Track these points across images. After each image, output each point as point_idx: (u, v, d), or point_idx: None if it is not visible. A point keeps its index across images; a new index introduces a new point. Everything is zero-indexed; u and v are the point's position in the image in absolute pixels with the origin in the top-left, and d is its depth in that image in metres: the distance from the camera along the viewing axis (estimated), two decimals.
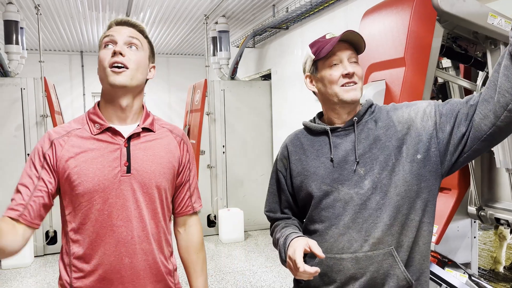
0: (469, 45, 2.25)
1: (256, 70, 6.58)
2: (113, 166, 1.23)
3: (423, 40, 1.94)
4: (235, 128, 5.78)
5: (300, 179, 1.34)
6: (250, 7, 5.54)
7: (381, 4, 2.22)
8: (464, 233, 2.81)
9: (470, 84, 2.26)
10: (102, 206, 1.21)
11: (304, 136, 1.40)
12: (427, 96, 2.00)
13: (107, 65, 1.22)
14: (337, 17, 4.18)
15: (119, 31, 1.26)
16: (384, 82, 2.04)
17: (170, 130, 1.38)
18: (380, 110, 1.33)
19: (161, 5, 5.33)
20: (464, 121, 1.19)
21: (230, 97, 5.75)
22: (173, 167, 1.33)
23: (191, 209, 1.42)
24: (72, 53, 8.27)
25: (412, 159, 1.23)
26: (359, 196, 1.23)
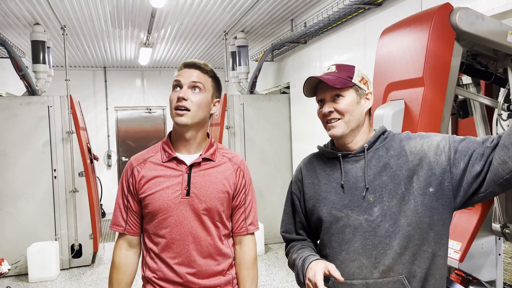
0: (489, 62, 2.23)
1: (275, 83, 6.63)
2: (175, 189, 1.48)
3: (442, 59, 1.94)
4: (254, 141, 5.82)
5: (312, 202, 1.38)
6: (268, 22, 5.61)
7: (399, 23, 2.23)
8: (488, 250, 2.75)
9: (491, 101, 2.24)
10: (165, 222, 1.48)
11: (318, 160, 1.44)
12: (447, 115, 2.00)
13: (173, 106, 1.47)
14: (356, 32, 4.19)
15: (186, 75, 1.48)
16: (403, 102, 2.04)
17: (230, 158, 1.60)
18: (393, 138, 1.35)
19: (181, 22, 5.45)
20: (479, 161, 1.19)
21: (249, 110, 5.81)
22: (227, 192, 1.53)
23: (245, 231, 1.61)
24: (95, 69, 8.51)
25: (424, 191, 1.24)
26: (368, 223, 1.25)
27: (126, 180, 1.55)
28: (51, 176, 4.84)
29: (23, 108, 4.76)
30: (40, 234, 4.83)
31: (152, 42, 6.53)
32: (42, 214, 4.84)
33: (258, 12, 5.10)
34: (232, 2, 4.72)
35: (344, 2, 3.91)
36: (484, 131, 2.45)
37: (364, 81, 1.36)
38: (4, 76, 5.70)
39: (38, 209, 4.83)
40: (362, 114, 1.34)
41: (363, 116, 1.34)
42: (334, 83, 1.29)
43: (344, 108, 1.30)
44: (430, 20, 1.94)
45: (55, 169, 4.85)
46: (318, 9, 4.75)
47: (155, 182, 1.49)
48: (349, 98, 1.31)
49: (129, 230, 1.55)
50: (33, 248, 4.60)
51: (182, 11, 4.99)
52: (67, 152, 4.87)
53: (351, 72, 1.34)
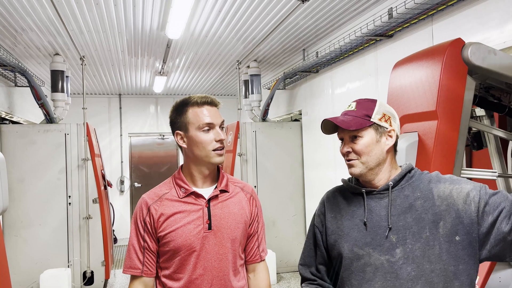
0: (502, 95, 2.25)
1: (287, 110, 6.69)
2: (197, 224, 1.49)
3: (455, 93, 1.96)
4: (266, 169, 5.84)
5: (334, 237, 1.36)
6: (280, 52, 5.72)
7: (412, 57, 2.27)
8: (506, 283, 2.69)
9: (505, 134, 2.25)
10: (188, 258, 1.47)
11: (341, 194, 1.42)
12: (462, 148, 2.00)
13: (210, 148, 1.50)
14: (367, 62, 4.25)
15: (213, 115, 1.52)
16: (417, 134, 2.06)
17: (241, 188, 1.63)
18: (421, 178, 1.32)
19: (195, 52, 5.59)
20: (508, 219, 1.17)
21: (261, 138, 5.86)
22: (245, 221, 1.57)
23: (259, 258, 1.63)
24: (111, 96, 8.70)
25: (450, 239, 1.21)
26: (390, 264, 1.23)
27: (141, 219, 1.52)
28: (65, 202, 4.90)
29: (41, 135, 4.87)
30: (53, 261, 4.85)
31: (167, 71, 6.68)
32: (55, 240, 4.88)
33: (271, 42, 5.21)
34: (245, 34, 4.84)
35: (356, 34, 3.99)
36: (499, 163, 2.44)
37: (386, 118, 1.32)
38: (24, 104, 5.86)
39: (52, 235, 4.87)
40: (382, 153, 1.31)
41: (384, 155, 1.31)
42: (348, 126, 1.29)
43: (361, 150, 1.30)
44: (443, 55, 1.97)
45: (70, 195, 4.91)
46: (330, 40, 4.84)
47: (175, 218, 1.49)
48: (366, 138, 1.30)
49: (147, 272, 1.51)
50: (45, 275, 4.61)
51: (197, 42, 5.13)
52: (82, 178, 4.94)
53: (371, 110, 1.32)
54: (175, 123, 1.56)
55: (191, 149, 1.52)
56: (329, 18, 4.33)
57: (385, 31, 3.67)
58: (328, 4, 3.92)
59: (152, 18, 4.24)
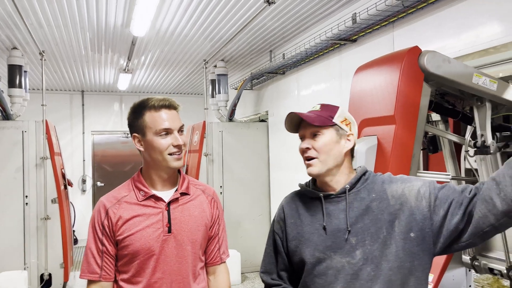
0: (456, 101, 2.35)
1: (254, 111, 6.72)
2: (157, 227, 1.47)
3: (412, 98, 2.04)
4: (233, 169, 5.83)
5: (295, 243, 1.38)
6: (248, 52, 5.73)
7: (372, 62, 2.34)
8: (459, 282, 2.81)
9: (458, 138, 2.35)
10: (147, 262, 1.46)
11: (300, 199, 1.43)
12: (417, 152, 2.08)
13: (167, 153, 1.47)
14: (332, 65, 4.33)
15: (171, 119, 1.49)
16: (376, 138, 2.12)
17: (203, 190, 1.63)
18: (375, 179, 1.36)
19: (162, 50, 5.51)
20: (458, 210, 1.22)
21: (228, 138, 5.85)
22: (205, 224, 1.57)
23: (219, 260, 1.64)
24: (73, 93, 8.42)
25: (405, 236, 1.25)
26: (350, 266, 1.26)
27: (100, 222, 1.49)
28: (22, 203, 4.70)
29: None
30: (9, 263, 4.63)
31: (132, 68, 6.55)
32: (11, 242, 4.67)
33: (238, 43, 5.21)
34: (212, 33, 4.82)
35: (321, 38, 4.06)
36: (453, 166, 2.55)
37: (346, 122, 1.37)
38: None
39: (7, 237, 4.66)
40: (340, 154, 1.34)
41: (342, 157, 1.35)
42: (312, 121, 1.32)
43: (321, 147, 1.32)
44: (401, 62, 2.04)
45: (27, 195, 4.72)
46: (296, 42, 4.89)
47: (134, 222, 1.47)
48: (327, 137, 1.33)
49: (105, 276, 1.48)
50: (0, 277, 4.41)
51: (163, 40, 5.06)
52: (41, 178, 4.75)
53: (334, 112, 1.36)
54: (132, 125, 1.53)
55: (149, 153, 1.50)
56: (295, 21, 4.38)
57: (349, 35, 3.76)
58: (294, 7, 3.96)
59: (116, 14, 4.15)
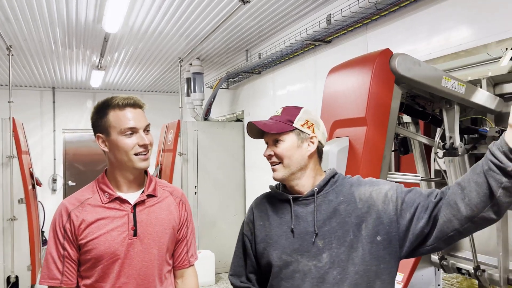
0: (427, 103, 2.38)
1: (230, 110, 6.68)
2: (122, 230, 1.42)
3: (383, 100, 2.05)
4: (207, 169, 5.78)
5: (263, 245, 1.36)
6: (224, 51, 5.69)
7: (345, 64, 2.34)
8: (428, 281, 2.87)
9: (428, 140, 2.38)
10: (112, 267, 1.41)
11: (269, 201, 1.42)
12: (388, 153, 2.10)
13: (133, 153, 1.43)
14: (307, 66, 4.35)
15: (136, 118, 1.44)
16: (348, 139, 2.13)
17: (171, 192, 1.58)
18: (343, 182, 1.35)
19: (135, 47, 5.41)
20: (424, 214, 1.22)
21: (203, 137, 5.79)
22: (173, 227, 1.52)
23: (187, 263, 1.59)
24: (43, 89, 8.18)
25: (372, 239, 1.25)
26: (317, 269, 1.25)
27: (61, 226, 1.42)
28: None
29: None
30: None
31: (105, 65, 6.41)
32: None
33: (214, 41, 5.17)
34: (188, 31, 4.75)
35: (296, 38, 4.06)
36: (423, 167, 2.59)
37: (308, 125, 1.35)
38: None
39: None
40: (303, 158, 1.33)
41: (305, 160, 1.34)
42: (269, 129, 1.32)
43: (282, 153, 1.32)
44: (372, 64, 2.05)
45: None
46: (272, 42, 4.89)
47: (98, 225, 1.41)
48: (288, 143, 1.32)
49: (67, 282, 1.42)
50: None
51: (136, 37, 4.96)
52: (7, 177, 4.58)
53: (294, 115, 1.35)
54: (96, 125, 1.48)
55: (113, 153, 1.45)
56: (271, 21, 4.37)
57: (323, 36, 3.77)
58: (269, 7, 3.95)
59: (87, 10, 4.03)
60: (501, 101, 2.26)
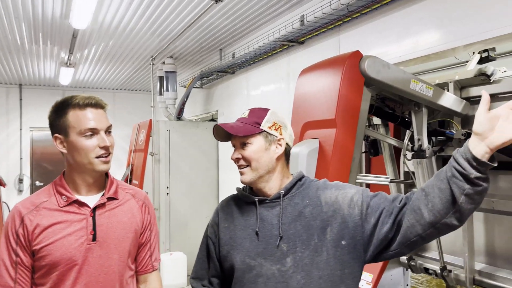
0: (396, 105, 2.40)
1: (204, 110, 6.61)
2: (80, 235, 1.36)
3: (352, 102, 2.05)
4: (180, 169, 5.69)
5: (227, 248, 1.34)
6: (198, 50, 5.62)
7: (316, 66, 2.34)
8: (397, 281, 2.90)
9: (397, 142, 2.40)
10: (68, 273, 1.34)
11: (235, 203, 1.40)
12: (357, 155, 2.10)
13: (93, 155, 1.37)
14: (281, 67, 4.34)
15: (97, 119, 1.39)
16: (318, 141, 2.12)
17: (133, 194, 1.53)
18: (310, 185, 1.34)
19: (106, 43, 5.27)
20: (388, 219, 1.21)
21: (175, 137, 5.70)
22: (135, 230, 1.48)
23: (151, 268, 1.55)
24: (9, 86, 7.88)
25: (336, 244, 1.23)
26: (281, 273, 1.23)
27: (14, 231, 1.35)
28: None
29: None
30: None
31: (75, 62, 6.22)
32: None
33: (187, 39, 5.09)
34: (160, 28, 4.67)
35: (269, 38, 4.04)
36: (392, 169, 2.61)
37: (276, 127, 1.33)
38: None
39: None
40: (271, 161, 1.32)
41: (273, 163, 1.32)
42: (237, 132, 1.29)
43: (249, 156, 1.30)
44: (342, 66, 2.05)
45: None
46: (246, 42, 4.85)
47: (54, 230, 1.35)
48: (255, 145, 1.30)
49: None
50: None
51: (107, 33, 4.83)
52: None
53: (261, 117, 1.33)
54: (54, 125, 1.42)
55: (72, 155, 1.39)
56: (244, 20, 4.33)
57: (296, 37, 3.77)
58: (242, 7, 3.92)
59: (54, 5, 3.90)
60: (467, 104, 2.30)
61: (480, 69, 2.22)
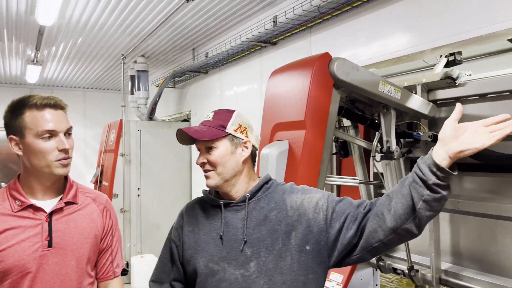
0: (365, 107, 2.42)
1: (177, 110, 6.52)
2: (34, 241, 1.30)
3: (321, 104, 2.05)
4: (152, 170, 5.60)
5: (190, 252, 1.31)
6: (170, 49, 5.53)
7: (286, 67, 2.32)
8: (367, 281, 2.93)
9: (366, 144, 2.42)
10: (21, 282, 1.28)
11: (201, 207, 1.37)
12: (327, 157, 2.10)
13: (52, 158, 1.32)
14: (254, 66, 4.32)
15: (56, 120, 1.33)
16: (287, 142, 2.11)
17: (93, 198, 1.48)
18: (276, 189, 1.32)
19: (75, 41, 5.12)
20: (352, 224, 1.21)
21: (147, 137, 5.60)
22: (95, 236, 1.43)
23: (112, 274, 1.51)
24: None
25: (301, 249, 1.22)
26: (244, 278, 1.21)
27: None
28: None
29: None
30: None
31: (42, 60, 6.02)
32: None
33: (159, 38, 5.00)
34: (131, 26, 4.56)
35: (242, 39, 4.02)
36: (362, 170, 2.63)
37: (242, 129, 1.31)
38: None
39: None
40: (237, 164, 1.30)
41: (239, 166, 1.30)
42: (202, 136, 1.27)
43: (216, 160, 1.27)
44: (312, 68, 2.04)
45: None
46: (219, 42, 4.81)
47: (6, 236, 1.29)
48: (221, 149, 1.28)
49: None
50: None
51: (75, 30, 4.69)
52: None
53: (227, 120, 1.30)
54: (9, 126, 1.35)
55: (28, 157, 1.33)
56: (217, 20, 4.29)
57: (269, 38, 3.76)
58: (214, 6, 3.87)
59: (19, 0, 3.74)
60: (434, 107, 2.34)
61: (446, 72, 2.26)
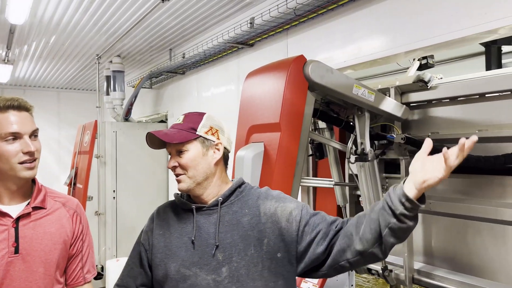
0: (340, 110, 2.44)
1: (154, 111, 6.44)
2: (0, 248, 1.27)
3: (296, 107, 2.05)
4: (127, 172, 5.50)
5: (160, 257, 1.28)
6: (147, 49, 5.46)
7: (262, 69, 2.32)
8: (342, 282, 2.95)
9: (341, 146, 2.44)
10: None
11: (172, 210, 1.35)
12: (301, 160, 2.10)
13: (16, 161, 1.28)
14: (231, 68, 4.31)
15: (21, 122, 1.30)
16: (263, 145, 2.10)
17: (63, 203, 1.45)
18: (250, 193, 1.31)
19: (47, 40, 4.99)
20: (323, 241, 1.21)
21: (123, 139, 5.50)
22: (64, 241, 1.40)
23: (82, 280, 1.48)
24: None
25: (272, 256, 1.22)
26: (216, 284, 1.20)
27: None
28: None
29: None
30: None
31: (13, 59, 5.85)
32: None
33: (135, 38, 4.93)
34: (106, 25, 4.48)
35: (218, 40, 4.00)
36: (337, 172, 2.65)
37: (213, 131, 1.30)
38: None
39: None
40: (209, 167, 1.28)
41: (211, 168, 1.29)
42: (172, 139, 1.25)
43: (187, 164, 1.26)
44: (286, 70, 2.04)
45: None
46: (196, 42, 4.78)
47: None
48: (192, 152, 1.26)
49: None
50: None
51: (48, 29, 4.57)
52: None
53: (197, 123, 1.29)
54: None
55: None
56: (194, 21, 4.26)
57: (246, 39, 3.75)
58: (191, 7, 3.84)
59: None
60: (407, 109, 2.38)
61: (418, 75, 2.30)
